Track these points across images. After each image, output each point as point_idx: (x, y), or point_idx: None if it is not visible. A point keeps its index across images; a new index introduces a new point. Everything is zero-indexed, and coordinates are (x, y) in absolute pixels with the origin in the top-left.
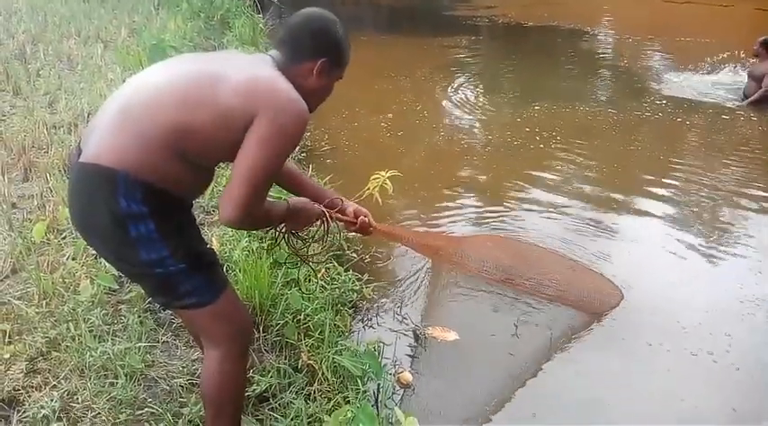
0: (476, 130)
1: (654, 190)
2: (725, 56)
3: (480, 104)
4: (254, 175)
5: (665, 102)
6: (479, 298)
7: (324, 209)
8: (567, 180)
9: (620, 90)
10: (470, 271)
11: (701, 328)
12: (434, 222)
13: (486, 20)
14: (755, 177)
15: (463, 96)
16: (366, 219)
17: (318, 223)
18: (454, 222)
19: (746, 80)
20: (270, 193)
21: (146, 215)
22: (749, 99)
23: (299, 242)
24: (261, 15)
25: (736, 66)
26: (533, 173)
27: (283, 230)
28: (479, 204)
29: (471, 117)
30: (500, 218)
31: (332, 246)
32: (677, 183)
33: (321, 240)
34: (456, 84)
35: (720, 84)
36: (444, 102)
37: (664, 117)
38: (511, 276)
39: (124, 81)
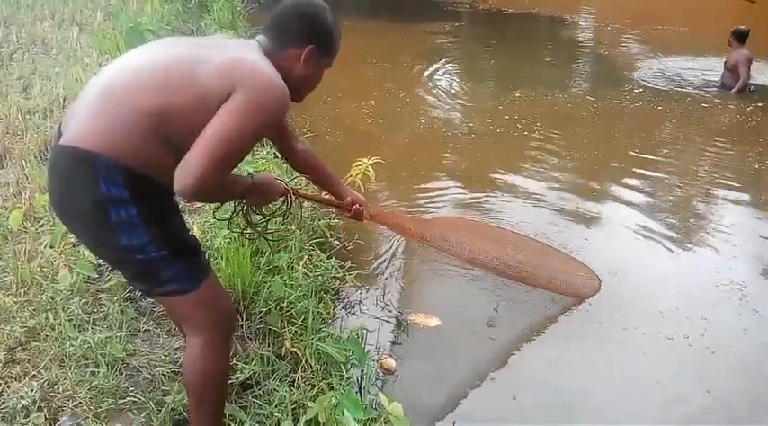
0: (457, 118)
1: (632, 178)
2: (704, 44)
3: (462, 91)
4: (220, 145)
5: (643, 90)
6: (460, 284)
7: (288, 187)
8: (547, 167)
9: (600, 78)
10: (462, 258)
11: (677, 312)
12: (416, 210)
13: (468, 6)
14: (732, 165)
15: (445, 83)
16: (360, 208)
17: (282, 200)
18: (436, 209)
19: (722, 69)
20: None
21: (126, 199)
22: (734, 88)
23: (259, 216)
24: None
25: (714, 55)
26: (514, 160)
27: (243, 204)
28: (461, 192)
29: (453, 104)
30: (481, 206)
31: (299, 224)
32: (655, 171)
33: (283, 216)
34: (438, 71)
35: (699, 72)
36: (426, 89)
37: (643, 105)
38: (503, 263)
39: (100, 65)
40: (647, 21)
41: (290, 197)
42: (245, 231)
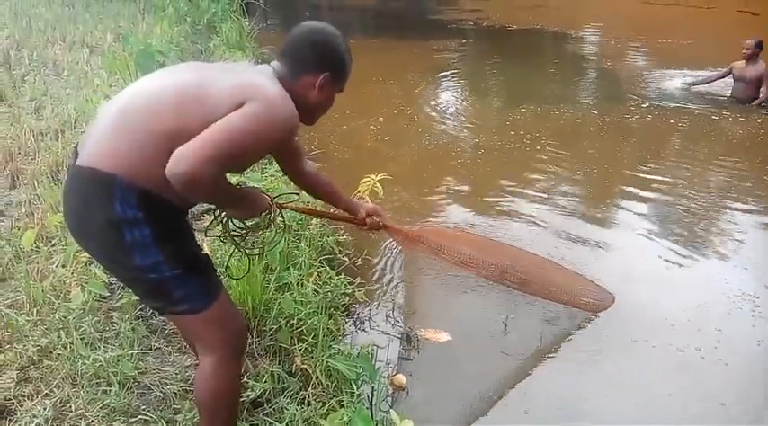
0: (464, 133)
1: (641, 191)
2: (709, 57)
3: (468, 107)
4: (222, 139)
5: (649, 103)
6: (469, 299)
7: (272, 201)
8: (555, 182)
9: (605, 92)
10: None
11: (689, 325)
12: (423, 225)
13: (472, 23)
14: (741, 177)
15: (451, 100)
16: (377, 220)
17: (264, 213)
18: (443, 224)
19: (733, 81)
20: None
21: (141, 220)
22: (759, 100)
23: (240, 228)
24: (247, 19)
25: (717, 68)
26: (521, 176)
27: (223, 215)
28: (468, 207)
29: (459, 120)
30: (489, 222)
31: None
32: (664, 185)
33: (264, 230)
34: (444, 88)
35: (704, 84)
36: (432, 106)
37: (650, 119)
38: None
39: (111, 86)
40: (650, 34)
41: (273, 211)
42: (222, 239)
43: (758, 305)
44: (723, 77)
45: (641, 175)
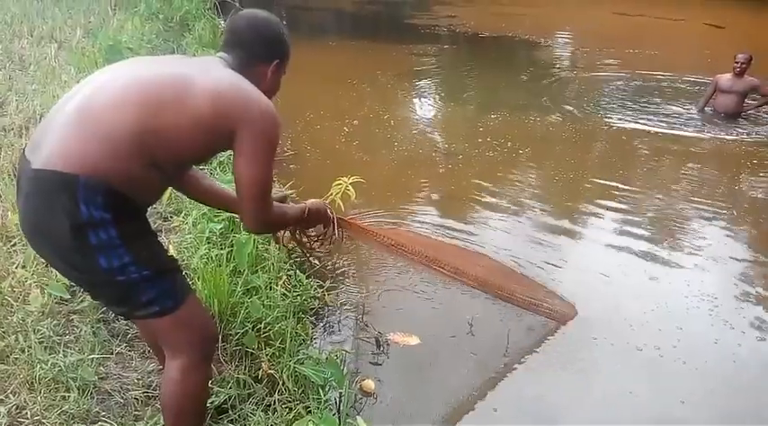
0: (437, 139)
1: (606, 198)
2: (674, 67)
3: (441, 113)
4: (257, 189)
5: (617, 112)
6: (438, 301)
7: (334, 215)
8: (524, 187)
9: (574, 100)
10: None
11: (649, 325)
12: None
13: (445, 29)
14: (703, 184)
15: (424, 104)
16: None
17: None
18: (414, 227)
19: (718, 95)
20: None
21: (107, 221)
22: (754, 106)
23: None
24: (222, 18)
25: (684, 76)
26: (490, 182)
27: (297, 230)
28: (439, 212)
29: (432, 125)
30: (459, 226)
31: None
32: (628, 192)
33: (329, 239)
34: (417, 93)
35: (672, 94)
36: (406, 110)
37: (616, 127)
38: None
39: (78, 82)
40: (619, 44)
41: (334, 223)
42: (294, 248)
43: (717, 305)
44: (714, 92)
45: (607, 183)
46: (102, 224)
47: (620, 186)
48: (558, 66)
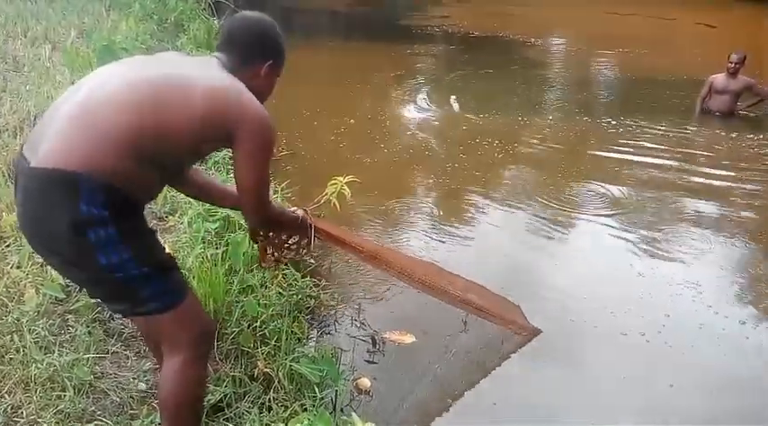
0: (431, 139)
1: (597, 198)
2: (665, 66)
3: (435, 114)
4: (256, 187)
5: (610, 111)
6: (433, 300)
7: (311, 221)
8: (513, 188)
9: (567, 100)
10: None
11: (634, 311)
12: (386, 230)
13: (438, 29)
14: (687, 176)
15: (419, 105)
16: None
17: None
18: (409, 228)
19: (712, 95)
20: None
21: (106, 219)
22: (746, 105)
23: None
24: (216, 18)
25: (671, 76)
26: (483, 181)
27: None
28: (432, 213)
29: (426, 126)
30: (450, 229)
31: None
32: (621, 191)
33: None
34: (412, 93)
35: (664, 93)
36: (401, 111)
37: (609, 126)
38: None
39: (73, 83)
40: (611, 43)
41: (311, 228)
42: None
43: (700, 292)
44: (708, 93)
45: (598, 181)
46: (101, 221)
47: (612, 184)
48: (550, 65)
